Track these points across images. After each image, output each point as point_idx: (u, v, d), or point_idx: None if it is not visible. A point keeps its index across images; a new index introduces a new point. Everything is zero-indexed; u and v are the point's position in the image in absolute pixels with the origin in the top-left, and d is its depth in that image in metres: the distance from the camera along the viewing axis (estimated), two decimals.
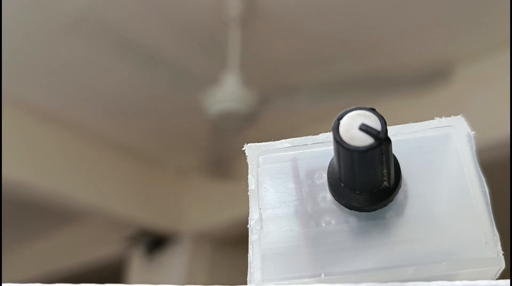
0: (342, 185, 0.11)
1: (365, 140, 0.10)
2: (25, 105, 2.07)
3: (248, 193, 0.12)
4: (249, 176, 0.13)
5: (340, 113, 0.11)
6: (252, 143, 0.13)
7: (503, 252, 0.12)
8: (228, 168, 1.64)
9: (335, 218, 0.12)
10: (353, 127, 0.11)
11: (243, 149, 0.13)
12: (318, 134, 0.15)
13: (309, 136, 0.14)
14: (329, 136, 0.13)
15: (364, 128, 0.10)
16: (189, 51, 1.73)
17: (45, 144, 2.12)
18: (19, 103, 2.05)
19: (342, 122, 0.11)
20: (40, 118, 2.12)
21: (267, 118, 1.53)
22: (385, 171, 0.11)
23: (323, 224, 0.12)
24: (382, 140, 0.10)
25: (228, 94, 1.37)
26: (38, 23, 1.61)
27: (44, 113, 2.13)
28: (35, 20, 1.60)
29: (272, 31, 1.64)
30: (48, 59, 1.78)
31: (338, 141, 0.11)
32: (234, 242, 2.57)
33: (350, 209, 0.12)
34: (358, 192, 0.11)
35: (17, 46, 1.72)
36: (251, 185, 0.13)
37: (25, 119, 2.08)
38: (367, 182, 0.11)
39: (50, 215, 3.07)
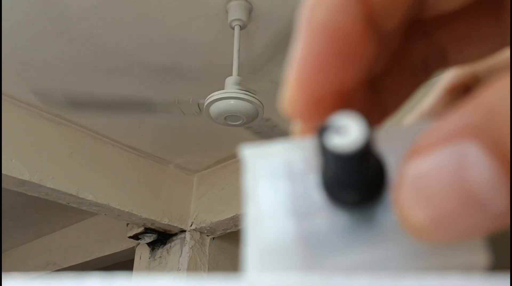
0: (334, 184, 0.12)
1: (349, 143, 0.11)
2: (34, 108, 2.07)
3: (244, 192, 0.13)
4: (244, 176, 0.13)
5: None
6: (247, 143, 0.14)
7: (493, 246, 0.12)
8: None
9: (329, 216, 0.12)
10: (338, 129, 0.11)
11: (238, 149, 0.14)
12: None
13: (305, 136, 0.14)
14: None
15: (348, 130, 0.11)
16: (190, 55, 1.73)
17: (54, 145, 2.12)
18: (29, 105, 2.06)
19: (325, 124, 0.11)
20: (48, 120, 2.13)
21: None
22: (374, 169, 0.12)
23: (317, 222, 0.12)
24: (366, 143, 0.11)
25: (229, 95, 1.37)
26: (42, 24, 1.61)
27: (53, 115, 2.13)
28: (39, 21, 1.60)
29: (273, 35, 1.64)
30: (54, 61, 1.78)
31: (322, 145, 0.11)
32: (234, 239, 2.57)
33: (344, 207, 0.12)
34: (350, 189, 0.12)
35: (23, 48, 1.72)
36: (246, 185, 0.13)
37: (36, 121, 2.09)
38: (358, 180, 0.11)
39: (57, 212, 3.08)
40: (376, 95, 0.15)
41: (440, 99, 0.16)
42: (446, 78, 0.15)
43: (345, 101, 0.13)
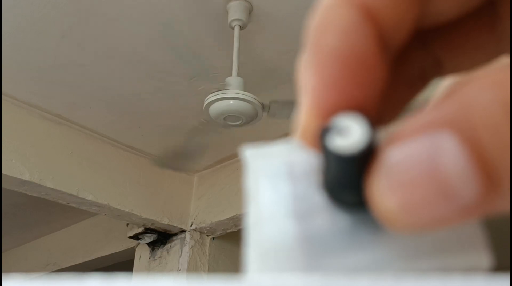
0: (335, 184, 0.12)
1: (351, 144, 0.11)
2: (34, 108, 2.08)
3: (245, 193, 0.13)
4: (245, 176, 0.13)
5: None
6: (249, 144, 0.14)
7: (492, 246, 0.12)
8: (186, 162, 1.68)
9: (330, 217, 0.12)
10: (340, 130, 0.11)
11: (239, 149, 0.14)
12: None
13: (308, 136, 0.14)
14: None
15: (350, 131, 0.11)
16: (190, 55, 1.73)
17: (54, 145, 2.12)
18: (29, 105, 2.06)
19: (328, 125, 0.11)
20: (48, 120, 2.13)
21: (267, 119, 1.53)
22: None
23: (318, 223, 0.12)
24: (368, 144, 0.11)
25: (229, 95, 1.37)
26: (42, 24, 1.61)
27: (53, 115, 2.14)
28: (39, 21, 1.60)
29: (272, 35, 1.64)
30: (54, 62, 1.78)
31: (324, 146, 0.11)
32: (234, 239, 2.57)
33: (345, 207, 0.12)
34: (351, 190, 0.12)
35: (25, 48, 1.73)
36: (247, 185, 0.13)
37: (36, 121, 2.09)
38: (359, 181, 0.11)
39: (57, 212, 3.08)
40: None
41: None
42: (443, 86, 0.15)
43: None
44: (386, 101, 0.15)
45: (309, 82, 0.12)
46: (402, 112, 0.16)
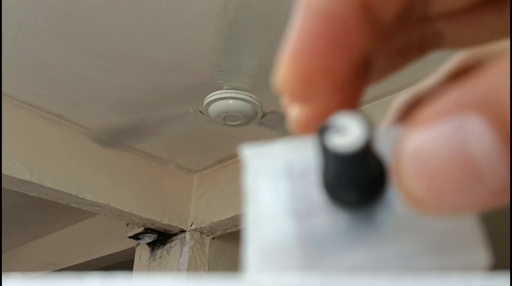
0: (334, 184, 0.12)
1: (349, 142, 0.11)
2: (34, 108, 2.08)
3: (244, 192, 0.13)
4: (245, 176, 0.13)
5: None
6: (248, 143, 0.14)
7: (490, 245, 0.12)
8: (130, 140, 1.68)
9: (329, 216, 0.12)
10: (338, 128, 0.11)
11: (238, 148, 0.14)
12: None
13: (306, 136, 0.14)
14: None
15: (348, 130, 0.11)
16: (190, 55, 1.73)
17: (54, 145, 2.12)
18: (29, 105, 2.06)
19: (326, 124, 0.11)
20: (48, 120, 2.13)
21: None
22: (375, 169, 0.12)
23: (317, 222, 0.12)
24: (366, 143, 0.11)
25: (228, 95, 1.37)
26: (42, 24, 1.61)
27: (53, 116, 2.14)
28: (39, 21, 1.60)
29: (272, 35, 1.64)
30: (54, 62, 1.78)
31: (323, 145, 0.11)
32: (234, 239, 2.57)
33: (344, 207, 0.12)
34: (351, 189, 0.12)
35: (23, 47, 1.73)
36: (247, 185, 0.13)
37: (36, 121, 2.09)
38: (358, 180, 0.11)
39: (57, 212, 3.08)
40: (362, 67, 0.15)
41: (440, 82, 0.16)
42: (451, 62, 0.15)
43: (334, 81, 0.13)
44: (377, 66, 0.15)
45: (291, 35, 0.13)
46: (392, 75, 0.16)
